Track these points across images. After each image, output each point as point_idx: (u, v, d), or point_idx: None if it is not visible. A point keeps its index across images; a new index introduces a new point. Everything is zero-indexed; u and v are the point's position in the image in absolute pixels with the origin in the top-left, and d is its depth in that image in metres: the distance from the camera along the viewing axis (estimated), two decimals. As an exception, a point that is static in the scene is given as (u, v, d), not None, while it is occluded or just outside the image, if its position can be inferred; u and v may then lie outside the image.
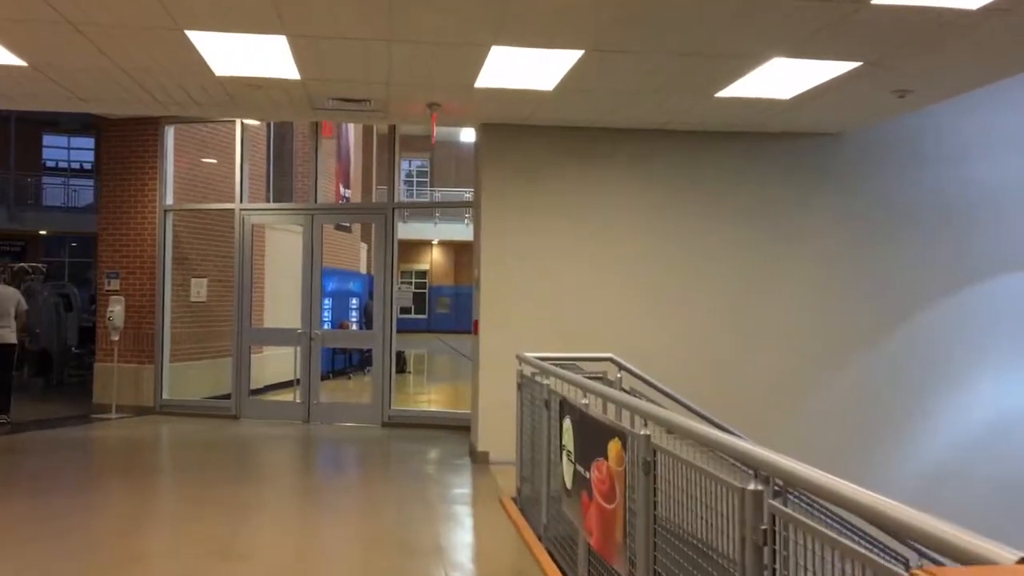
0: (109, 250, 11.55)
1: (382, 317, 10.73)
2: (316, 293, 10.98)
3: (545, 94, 7.25)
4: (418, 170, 39.77)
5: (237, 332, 11.09)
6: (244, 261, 11.13)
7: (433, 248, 39.31)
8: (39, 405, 12.26)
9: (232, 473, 7.97)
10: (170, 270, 11.48)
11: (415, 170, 39.63)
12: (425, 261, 39.40)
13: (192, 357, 11.91)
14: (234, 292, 11.16)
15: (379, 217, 10.89)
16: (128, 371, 11.31)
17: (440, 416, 10.62)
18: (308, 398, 10.83)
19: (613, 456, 4.16)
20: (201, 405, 11.27)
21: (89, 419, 10.86)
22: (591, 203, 8.68)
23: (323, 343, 11.07)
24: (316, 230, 11.00)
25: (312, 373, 10.88)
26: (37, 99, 7.58)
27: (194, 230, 11.98)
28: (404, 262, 37.38)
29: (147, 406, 11.28)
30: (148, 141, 11.39)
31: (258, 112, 8.57)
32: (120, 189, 11.50)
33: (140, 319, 11.37)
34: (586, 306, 8.60)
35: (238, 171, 11.20)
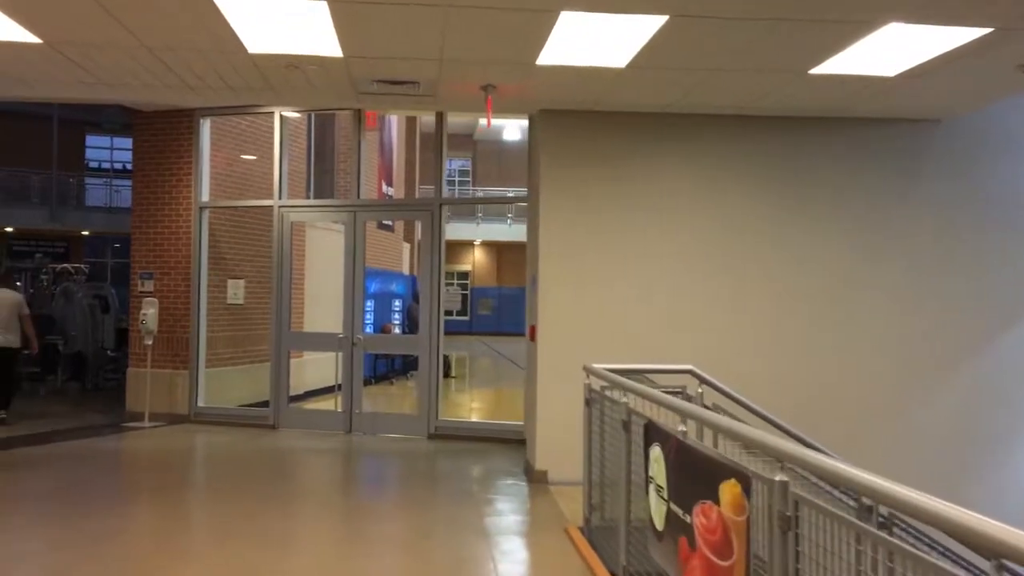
0: (143, 249, 10.97)
1: (428, 321, 10.00)
2: (358, 295, 10.30)
3: (615, 73, 6.46)
4: (460, 170, 39.12)
5: (275, 336, 10.44)
6: (283, 261, 10.47)
7: (475, 249, 38.62)
8: (72, 412, 11.73)
9: (268, 495, 7.28)
10: (206, 271, 10.87)
11: (456, 170, 38.98)
12: (467, 262, 38.74)
13: (228, 362, 11.29)
14: (272, 294, 10.51)
15: (425, 214, 10.17)
16: (162, 377, 10.72)
17: (490, 428, 9.86)
18: (350, 407, 10.14)
19: (728, 501, 3.36)
20: (237, 414, 10.64)
21: (121, 428, 10.28)
22: (661, 197, 7.86)
23: (366, 348, 10.37)
24: (359, 228, 10.31)
25: (354, 380, 10.19)
26: (57, 85, 6.96)
27: (231, 229, 11.37)
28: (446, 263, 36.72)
29: (181, 414, 10.68)
30: (182, 135, 10.78)
31: (296, 98, 7.88)
32: (154, 185, 10.91)
33: (174, 322, 10.77)
34: (657, 311, 7.78)
35: (277, 166, 10.56)
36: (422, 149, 22.03)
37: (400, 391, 15.18)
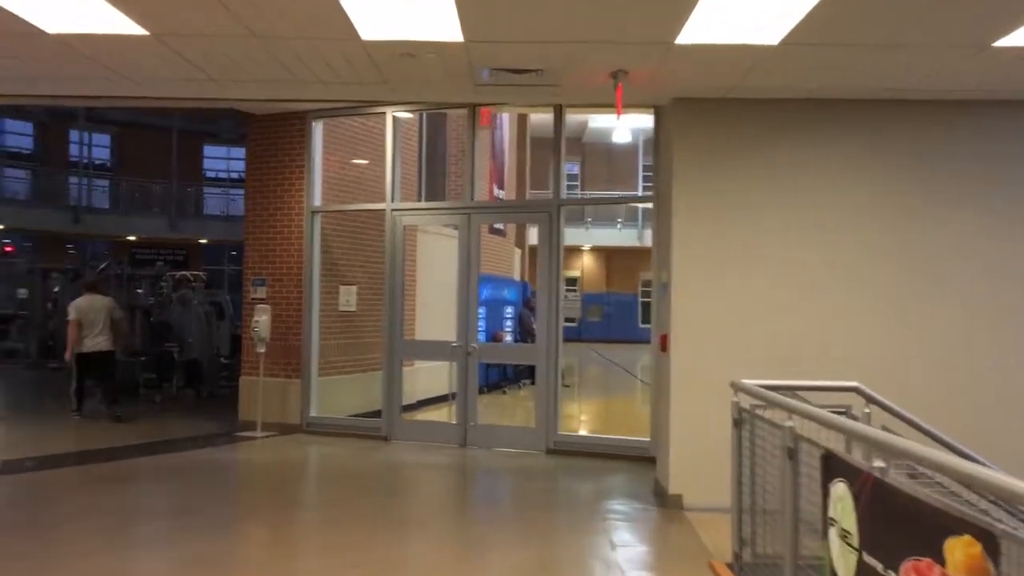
0: (255, 255, 10.79)
1: (546, 329, 9.43)
2: (472, 302, 9.82)
3: (765, 52, 5.74)
4: (568, 174, 38.51)
5: (388, 345, 10.06)
6: (395, 267, 10.09)
7: (584, 254, 37.95)
8: (187, 420, 11.67)
9: (383, 518, 6.83)
10: (318, 277, 10.60)
11: (565, 174, 38.34)
12: (576, 268, 38.11)
13: (340, 371, 11.00)
14: (385, 300, 10.14)
15: (542, 216, 9.61)
16: (274, 386, 10.49)
17: (613, 444, 9.20)
18: (464, 419, 9.66)
19: (961, 564, 2.64)
20: (350, 425, 10.30)
21: (233, 437, 10.09)
22: (810, 193, 7.06)
23: (480, 358, 9.87)
24: (473, 231, 9.84)
25: (469, 391, 9.71)
26: (165, 83, 6.71)
27: (342, 234, 11.08)
28: (553, 269, 36.18)
29: (293, 424, 10.42)
30: (294, 138, 10.56)
31: (411, 91, 7.43)
32: (266, 190, 10.72)
33: (287, 330, 10.53)
34: (805, 319, 6.99)
35: (389, 168, 10.19)
36: (533, 150, 21.52)
37: (513, 401, 14.67)
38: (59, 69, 6.33)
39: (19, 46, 5.64)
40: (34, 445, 9.92)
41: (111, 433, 10.54)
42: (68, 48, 5.63)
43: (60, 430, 10.93)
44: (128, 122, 33.15)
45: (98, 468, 8.37)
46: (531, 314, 17.57)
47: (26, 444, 10.02)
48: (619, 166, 36.87)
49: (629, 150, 35.38)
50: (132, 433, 10.49)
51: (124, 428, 10.87)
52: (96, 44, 5.57)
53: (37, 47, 5.64)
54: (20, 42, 5.51)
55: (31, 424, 11.77)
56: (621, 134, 34.80)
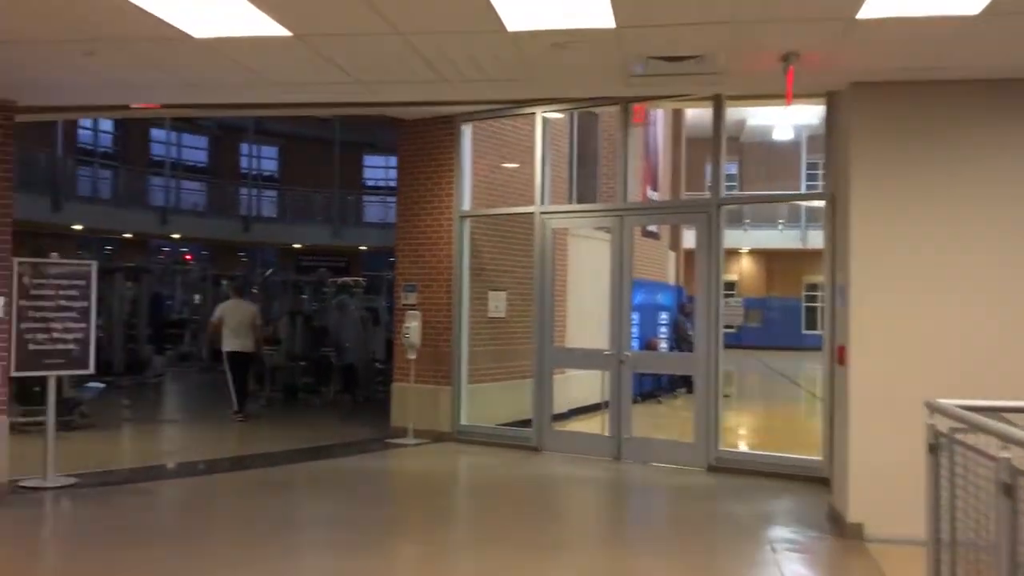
0: (406, 261, 10.73)
1: (706, 337, 8.83)
2: (625, 308, 9.34)
3: (960, 24, 5.01)
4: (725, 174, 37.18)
5: (539, 352, 9.74)
6: (545, 271, 9.76)
7: (742, 257, 36.56)
8: (341, 425, 11.79)
9: (534, 535, 6.49)
10: (467, 282, 10.41)
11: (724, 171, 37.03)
12: (733, 271, 36.75)
13: (490, 378, 10.77)
14: (535, 306, 9.82)
15: (700, 216, 9.02)
16: (425, 393, 10.38)
17: (780, 463, 8.48)
18: (618, 432, 9.20)
19: None
20: (500, 434, 10.04)
21: (385, 444, 10.05)
22: (1014, 184, 6.19)
23: (634, 368, 9.38)
24: (626, 234, 9.37)
25: (622, 402, 9.23)
26: (311, 86, 6.63)
27: (491, 238, 10.86)
28: (710, 272, 35.00)
29: (444, 431, 10.27)
30: (444, 142, 10.42)
31: (558, 86, 7.06)
32: (416, 195, 10.65)
33: (437, 336, 10.40)
34: (1009, 332, 6.12)
35: (538, 170, 9.87)
36: (688, 152, 20.76)
37: (669, 411, 14.06)
38: (204, 75, 6.35)
39: (165, 52, 5.65)
40: (196, 448, 10.23)
41: (269, 437, 10.76)
42: (213, 52, 5.60)
43: (222, 432, 11.27)
44: (293, 135, 34.62)
45: (253, 474, 8.47)
46: (687, 320, 16.88)
47: (191, 447, 10.37)
48: (779, 165, 35.27)
49: (790, 148, 33.79)
50: (290, 438, 10.66)
51: (282, 432, 11.09)
52: (240, 47, 5.51)
53: (183, 53, 5.64)
54: (166, 48, 5.52)
55: (198, 426, 12.23)
56: (782, 131, 33.31)
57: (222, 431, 11.40)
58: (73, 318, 7.56)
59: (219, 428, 11.61)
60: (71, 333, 7.54)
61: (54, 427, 7.52)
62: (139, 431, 11.19)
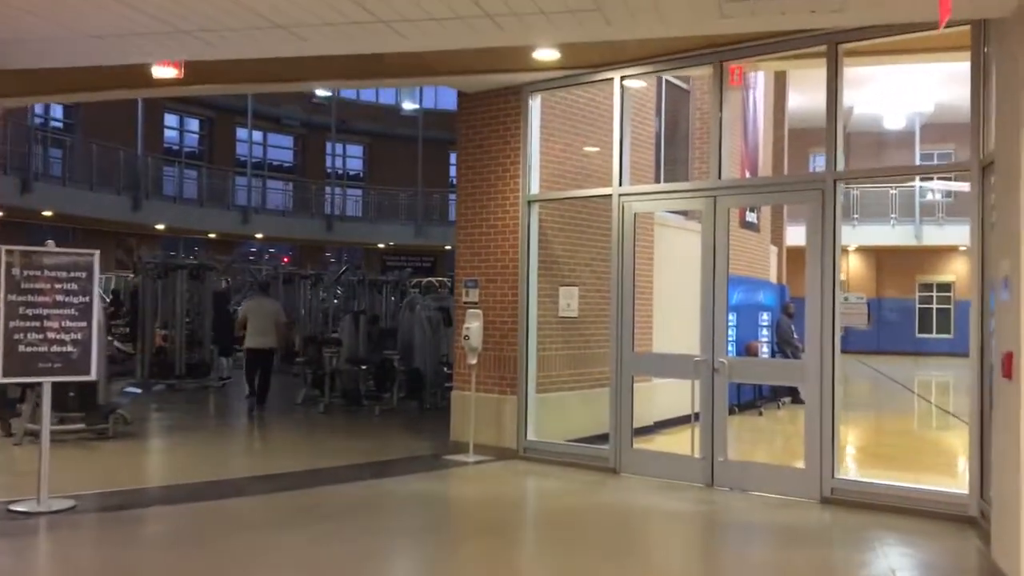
0: (467, 253, 9.48)
1: (818, 340, 7.29)
2: (719, 306, 7.87)
3: None
4: (828, 167, 34.75)
5: (617, 358, 8.34)
6: (624, 264, 8.36)
7: (849, 255, 34.07)
8: (399, 436, 10.62)
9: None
10: (535, 277, 9.10)
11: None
12: (840, 270, 34.21)
13: (562, 386, 9.43)
14: (612, 304, 8.43)
15: (811, 195, 7.47)
16: (487, 403, 9.11)
17: (912, 496, 6.85)
18: (711, 452, 7.72)
19: None
20: (573, 452, 8.67)
21: (443, 462, 8.81)
22: None
23: (731, 377, 7.88)
24: (720, 218, 7.89)
25: (716, 418, 7.76)
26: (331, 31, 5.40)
27: (563, 226, 9.53)
28: (814, 272, 32.66)
29: (509, 448, 8.98)
30: (509, 117, 9.14)
31: (638, 23, 5.62)
32: (478, 178, 9.39)
33: (501, 338, 9.12)
34: None
35: (617, 145, 8.47)
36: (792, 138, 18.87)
37: (770, 425, 12.42)
38: (223, 22, 5.21)
39: None
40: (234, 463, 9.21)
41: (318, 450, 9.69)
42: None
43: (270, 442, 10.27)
44: (379, 133, 33.99)
45: (284, 498, 7.31)
46: (791, 323, 15.17)
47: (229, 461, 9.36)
48: (891, 158, 32.72)
49: (904, 138, 31.15)
50: (340, 451, 9.59)
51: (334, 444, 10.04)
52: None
53: None
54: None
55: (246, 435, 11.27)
56: (893, 119, 30.77)
57: (271, 440, 10.42)
58: (71, 316, 6.55)
59: (268, 437, 10.64)
60: (69, 333, 6.54)
61: (48, 441, 6.51)
62: (179, 441, 10.25)
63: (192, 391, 14.98)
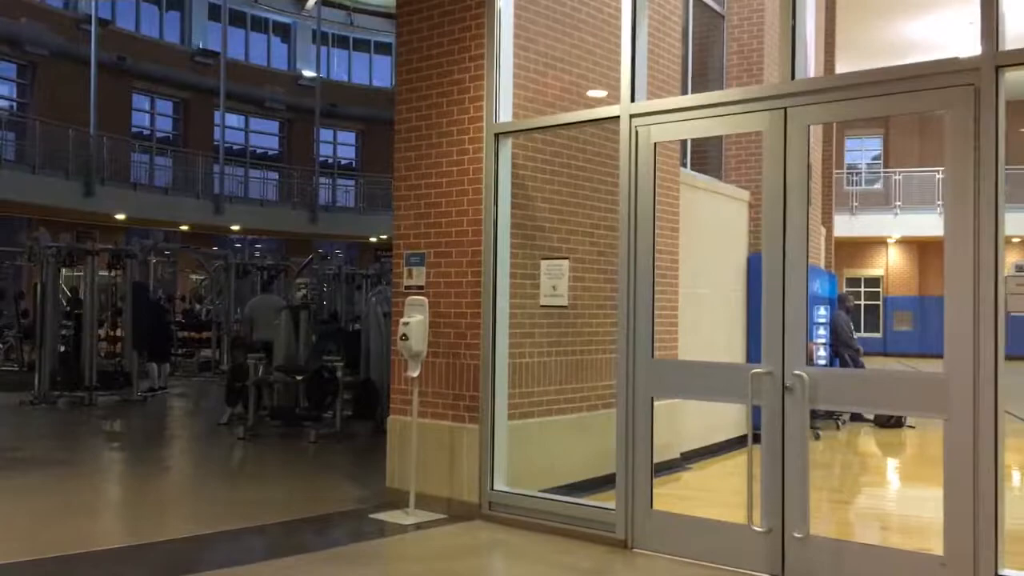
0: (410, 215, 6.50)
1: (969, 341, 4.29)
2: (795, 290, 4.89)
3: None
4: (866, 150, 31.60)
5: (626, 369, 5.36)
6: (639, 225, 5.36)
7: (889, 248, 30.87)
8: (329, 476, 7.68)
9: None
10: (507, 247, 6.14)
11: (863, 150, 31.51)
12: (878, 265, 31.16)
13: (546, 409, 6.46)
14: (621, 288, 5.44)
15: (956, 95, 4.43)
16: (436, 434, 6.15)
17: None
18: (780, 523, 4.72)
19: None
20: (560, 512, 5.65)
21: (368, 525, 5.89)
22: None
23: (814, 399, 4.82)
24: (795, 143, 4.89)
25: (789, 466, 4.75)
26: None
27: (547, 172, 6.55)
28: (849, 266, 29.55)
29: (467, 502, 6.01)
30: (469, 12, 6.16)
31: None
32: (423, 104, 6.41)
33: (457, 338, 6.15)
34: None
35: (627, 44, 5.48)
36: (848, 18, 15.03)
37: (835, 455, 9.38)
38: None
39: None
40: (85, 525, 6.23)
41: (201, 502, 6.77)
42: None
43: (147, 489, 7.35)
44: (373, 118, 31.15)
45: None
46: (849, 319, 12.18)
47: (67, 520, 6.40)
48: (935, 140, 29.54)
49: (950, 116, 28.00)
50: (236, 506, 6.66)
51: (229, 492, 7.12)
52: None
53: None
54: None
55: (120, 474, 8.35)
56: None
57: (151, 484, 7.50)
58: None
59: (150, 479, 7.72)
60: None
61: None
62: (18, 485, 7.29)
63: (111, 407, 12.09)
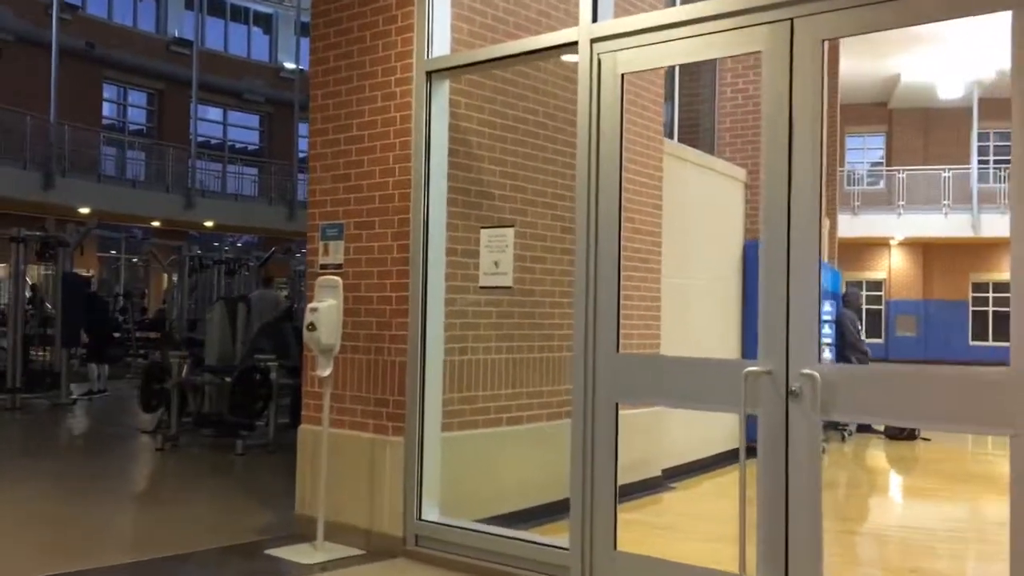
0: (326, 178, 5.28)
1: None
2: (803, 267, 3.66)
3: None
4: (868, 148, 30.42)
5: (584, 365, 4.15)
6: (602, 182, 4.15)
7: (891, 250, 29.69)
8: (241, 498, 6.47)
9: None
10: (442, 216, 4.92)
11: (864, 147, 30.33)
12: (880, 268, 29.99)
13: (490, 419, 5.25)
14: (578, 264, 4.22)
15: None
16: (353, 448, 4.93)
17: None
18: (784, 569, 3.50)
19: None
20: (505, 552, 4.42)
21: (264, 563, 4.67)
22: None
23: (827, 407, 3.58)
24: (804, 67, 3.67)
25: (793, 496, 3.53)
26: None
27: (498, 127, 5.34)
28: (849, 269, 28.37)
29: (389, 535, 4.78)
30: (395, -77, 4.97)
31: None
32: (342, 40, 5.20)
33: (379, 328, 4.93)
34: None
35: (588, -47, 4.27)
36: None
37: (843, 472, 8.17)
38: None
39: None
40: None
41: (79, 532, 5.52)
42: None
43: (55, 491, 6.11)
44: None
45: None
46: (856, 318, 11.00)
47: None
48: (942, 136, 28.42)
49: (958, 113, 26.69)
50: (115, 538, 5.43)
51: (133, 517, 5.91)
52: None
53: None
54: None
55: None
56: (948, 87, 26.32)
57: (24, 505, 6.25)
58: None
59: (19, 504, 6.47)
60: None
61: None
62: None
63: (40, 411, 10.89)
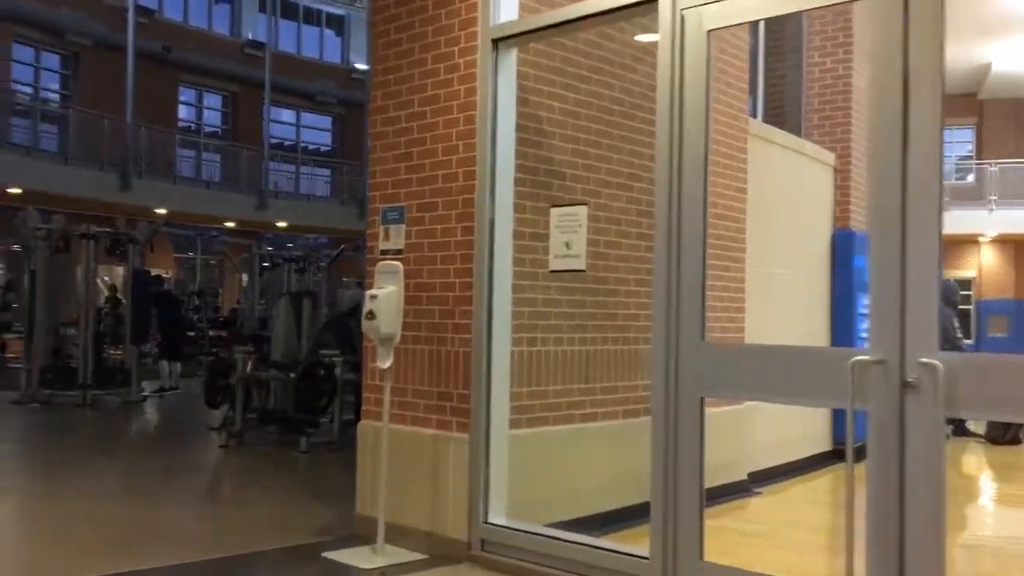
0: (387, 158, 4.98)
1: None
2: (924, 240, 3.20)
3: None
4: (956, 141, 29.05)
5: (665, 356, 3.75)
6: (685, 156, 3.75)
7: (982, 247, 28.32)
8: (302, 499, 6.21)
9: None
10: (509, 194, 4.57)
11: (953, 140, 28.96)
12: (969, 265, 28.62)
13: (563, 415, 4.87)
14: (658, 247, 3.82)
15: None
16: (415, 446, 4.62)
17: None
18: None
19: None
20: (577, 560, 4.05)
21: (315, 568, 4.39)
22: None
23: (952, 402, 3.11)
24: (921, 16, 3.22)
25: (910, 501, 3.07)
26: None
27: (571, 102, 4.96)
28: (937, 268, 27.09)
29: (453, 539, 4.45)
30: None
31: None
32: (403, 11, 4.91)
33: (442, 317, 4.60)
34: None
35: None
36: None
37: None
38: None
39: None
40: None
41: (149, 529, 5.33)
42: None
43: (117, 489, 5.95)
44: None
45: None
46: (954, 314, 10.29)
47: None
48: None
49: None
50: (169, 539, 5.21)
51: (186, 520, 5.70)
52: None
53: None
54: None
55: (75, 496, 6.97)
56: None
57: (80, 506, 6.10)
58: None
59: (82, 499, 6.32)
60: None
61: None
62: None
63: (109, 408, 10.94)
